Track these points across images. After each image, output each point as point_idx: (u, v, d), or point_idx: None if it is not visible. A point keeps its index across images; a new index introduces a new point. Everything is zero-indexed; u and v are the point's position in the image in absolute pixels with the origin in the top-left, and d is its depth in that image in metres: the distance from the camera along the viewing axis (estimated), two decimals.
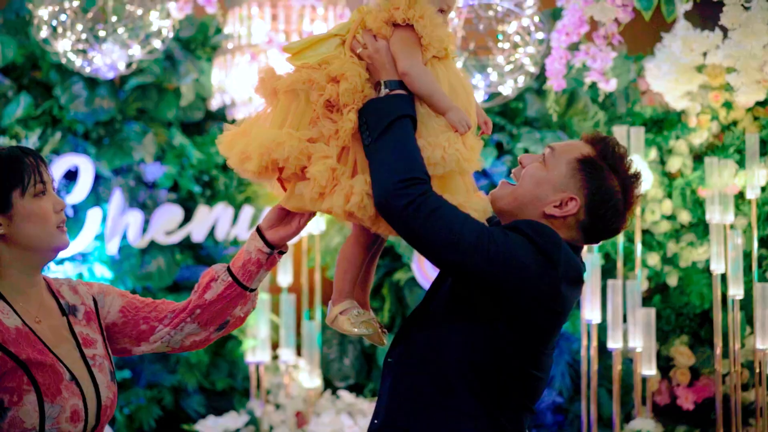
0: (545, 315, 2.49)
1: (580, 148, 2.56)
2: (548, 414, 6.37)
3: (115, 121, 6.30)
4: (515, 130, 6.41)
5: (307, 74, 2.54)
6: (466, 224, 2.42)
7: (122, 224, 6.21)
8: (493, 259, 2.40)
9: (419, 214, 2.40)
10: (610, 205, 2.54)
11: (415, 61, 2.51)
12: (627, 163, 2.57)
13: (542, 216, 2.55)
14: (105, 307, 2.80)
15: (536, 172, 2.57)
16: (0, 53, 6.08)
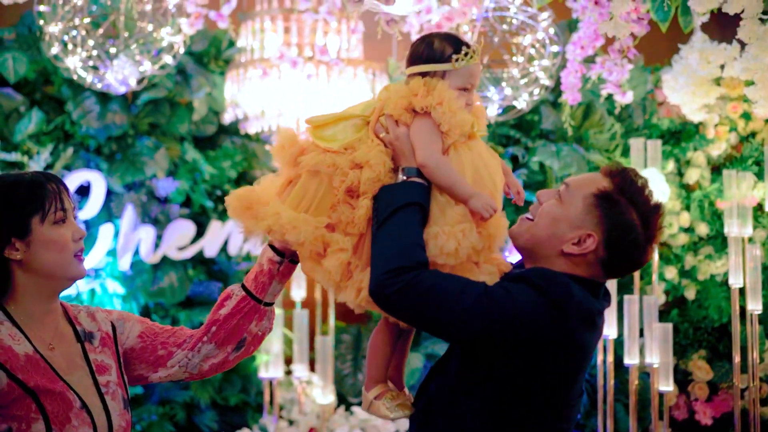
0: (562, 365, 2.44)
1: (597, 182, 2.50)
2: None
3: (128, 136, 6.28)
4: (530, 143, 6.35)
5: (332, 159, 2.53)
6: (462, 297, 2.38)
7: (134, 240, 6.19)
8: (498, 320, 2.37)
9: (409, 299, 2.38)
10: (630, 239, 2.47)
11: (432, 151, 2.49)
12: (647, 195, 2.50)
13: (560, 254, 2.50)
14: (124, 332, 2.79)
15: (552, 210, 2.52)
16: (12, 69, 6.06)
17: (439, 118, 2.49)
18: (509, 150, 6.36)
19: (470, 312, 2.37)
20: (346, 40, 5.83)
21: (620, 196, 2.47)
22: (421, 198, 2.48)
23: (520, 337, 2.38)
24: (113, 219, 6.23)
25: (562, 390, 2.48)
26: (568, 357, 2.44)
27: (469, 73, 2.56)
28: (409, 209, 2.45)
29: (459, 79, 2.54)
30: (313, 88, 5.69)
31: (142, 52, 5.21)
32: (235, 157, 6.37)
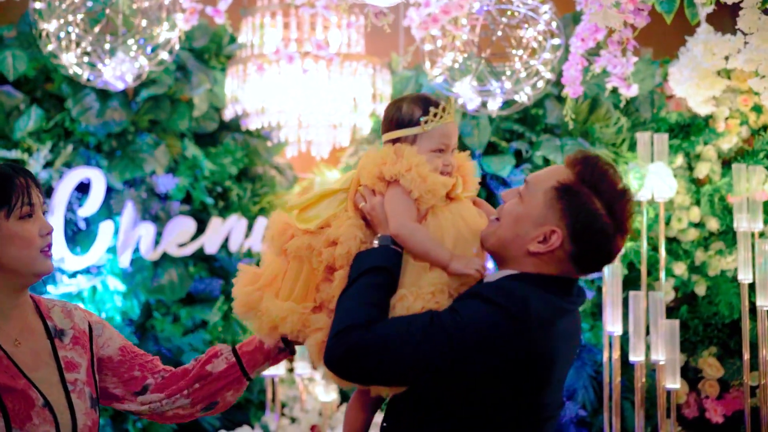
0: (530, 381, 2.36)
1: (557, 175, 2.41)
2: (572, 427, 6.25)
3: (128, 132, 6.27)
4: (534, 138, 6.27)
5: (308, 240, 2.54)
6: (409, 338, 2.30)
7: (134, 237, 6.18)
8: (455, 347, 2.29)
9: (358, 359, 2.33)
10: (596, 229, 2.38)
11: (403, 219, 2.46)
12: (612, 181, 2.40)
13: (527, 254, 2.41)
14: (102, 337, 2.76)
15: (514, 209, 2.45)
16: (12, 66, 6.07)
17: (409, 185, 2.47)
18: (513, 145, 6.28)
19: (423, 350, 2.30)
20: (347, 35, 5.80)
21: (582, 185, 2.38)
22: (388, 262, 2.43)
23: (483, 359, 2.31)
24: (113, 216, 6.22)
25: (534, 405, 2.40)
26: (536, 371, 2.36)
27: (440, 134, 2.53)
28: (372, 273, 2.42)
29: (430, 142, 2.52)
30: (314, 84, 5.65)
31: (138, 49, 5.19)
32: (236, 153, 6.34)
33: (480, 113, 5.64)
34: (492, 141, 6.31)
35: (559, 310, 2.39)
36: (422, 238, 2.45)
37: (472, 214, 2.55)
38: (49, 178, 6.16)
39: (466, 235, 2.49)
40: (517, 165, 6.29)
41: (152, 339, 6.29)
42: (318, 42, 5.40)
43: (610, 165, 2.43)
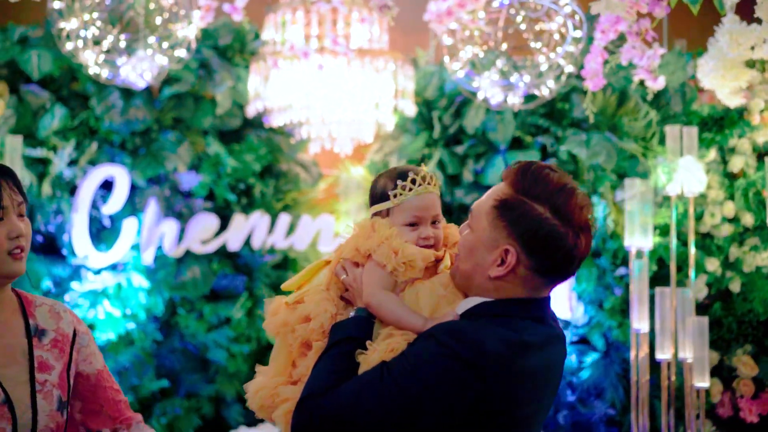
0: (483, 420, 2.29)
1: (494, 194, 2.36)
2: (601, 426, 6.17)
3: (151, 130, 6.34)
4: (560, 132, 6.20)
5: (284, 317, 2.52)
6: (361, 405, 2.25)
7: (158, 234, 6.25)
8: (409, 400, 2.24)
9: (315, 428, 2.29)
10: (545, 234, 2.29)
11: (374, 290, 2.42)
12: (547, 180, 2.32)
13: (489, 280, 2.35)
14: (86, 349, 2.75)
15: (466, 240, 2.40)
16: (36, 66, 6.17)
17: (382, 259, 2.43)
18: (538, 139, 6.22)
19: (377, 410, 2.25)
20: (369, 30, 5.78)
21: (520, 195, 2.32)
22: (360, 332, 2.40)
23: (437, 407, 2.25)
24: (137, 213, 6.30)
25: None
26: (494, 416, 2.29)
27: (411, 206, 2.50)
28: (343, 343, 2.39)
29: (402, 215, 2.49)
30: (335, 80, 5.63)
31: (156, 47, 5.22)
32: (260, 150, 6.36)
33: (503, 108, 5.59)
34: (517, 136, 6.25)
35: (521, 346, 2.30)
36: (392, 307, 2.41)
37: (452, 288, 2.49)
38: (74, 176, 6.27)
39: (444, 307, 2.43)
40: (542, 160, 6.21)
41: (177, 336, 6.35)
42: (334, 37, 5.37)
43: (544, 166, 2.35)
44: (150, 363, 6.29)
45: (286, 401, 2.44)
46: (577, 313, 6.15)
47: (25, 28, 6.32)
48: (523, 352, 2.28)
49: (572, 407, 6.18)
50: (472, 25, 5.16)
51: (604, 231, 6.14)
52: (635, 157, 6.19)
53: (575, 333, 6.20)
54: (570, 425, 6.19)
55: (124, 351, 6.23)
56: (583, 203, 2.29)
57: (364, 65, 5.67)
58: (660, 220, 6.09)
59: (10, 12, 6.20)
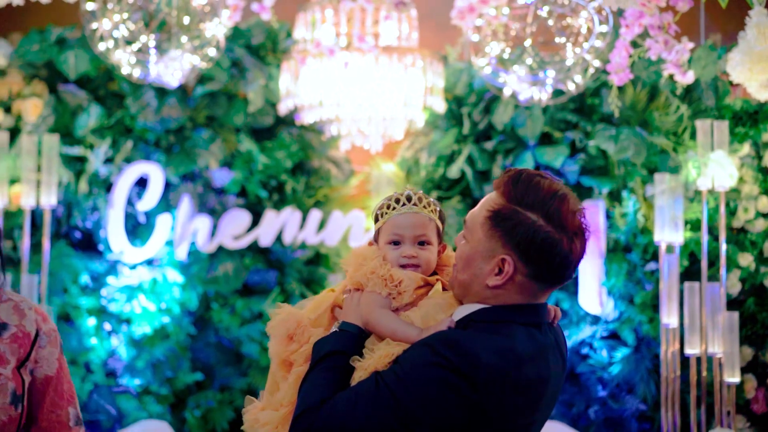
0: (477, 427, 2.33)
1: (487, 204, 2.39)
2: (633, 422, 6.17)
3: (185, 128, 6.48)
4: (590, 128, 6.20)
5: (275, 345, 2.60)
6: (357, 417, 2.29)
7: (191, 229, 6.38)
8: (403, 409, 2.27)
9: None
10: (540, 241, 2.33)
11: (370, 308, 2.48)
12: (537, 188, 2.35)
13: (488, 289, 2.39)
14: (42, 349, 2.75)
15: (463, 252, 2.44)
16: (73, 66, 6.34)
17: (375, 288, 2.51)
18: (568, 135, 6.22)
19: (372, 420, 2.29)
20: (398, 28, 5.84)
21: (511, 204, 2.35)
22: (345, 346, 2.45)
23: (430, 417, 2.29)
24: (171, 209, 6.43)
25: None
26: (486, 428, 2.33)
27: (391, 225, 2.57)
28: (330, 357, 2.43)
29: (385, 234, 2.58)
30: (363, 77, 5.70)
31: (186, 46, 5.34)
32: (291, 147, 6.46)
33: (532, 103, 5.62)
34: (546, 131, 6.26)
35: (516, 358, 2.33)
36: (388, 324, 2.45)
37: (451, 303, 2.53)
38: (110, 174, 6.43)
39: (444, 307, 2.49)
40: (572, 155, 6.23)
41: (212, 330, 6.47)
42: (360, 35, 5.44)
43: (534, 174, 2.38)
44: (185, 356, 6.42)
45: (265, 425, 2.49)
46: (607, 309, 6.15)
47: (62, 30, 6.50)
48: (518, 364, 2.32)
49: (603, 403, 6.18)
50: (495, 21, 5.20)
51: (635, 226, 6.14)
52: (666, 152, 6.17)
53: (605, 328, 6.20)
54: (602, 421, 6.18)
55: (160, 344, 6.37)
56: (575, 208, 2.34)
57: (392, 62, 5.74)
58: (691, 215, 6.06)
59: (49, 14, 6.40)
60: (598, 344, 6.21)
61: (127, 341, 6.43)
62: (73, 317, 6.42)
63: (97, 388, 6.37)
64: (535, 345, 2.38)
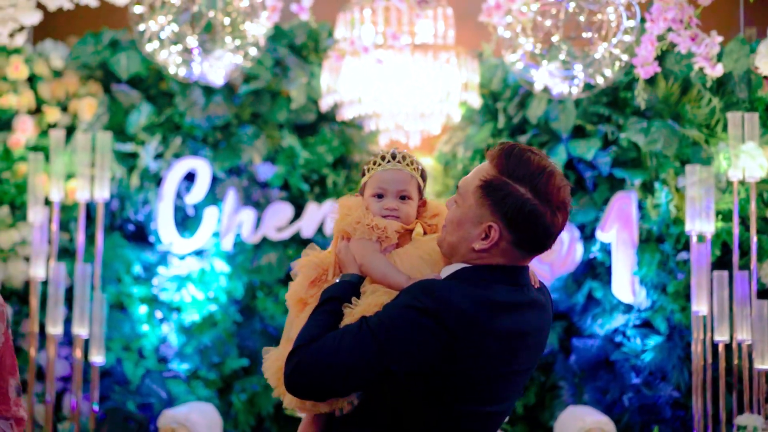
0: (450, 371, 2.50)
1: (480, 174, 2.56)
2: (667, 409, 6.27)
3: (231, 125, 6.75)
4: (622, 121, 6.32)
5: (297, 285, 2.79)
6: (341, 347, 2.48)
7: (236, 222, 6.65)
8: (382, 349, 2.46)
9: (302, 376, 2.50)
10: (526, 213, 2.50)
11: (364, 252, 2.68)
12: (528, 162, 2.53)
13: (473, 251, 2.57)
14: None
15: (453, 215, 2.61)
16: (125, 66, 6.65)
17: (362, 234, 2.70)
18: (601, 128, 6.35)
19: (354, 356, 2.47)
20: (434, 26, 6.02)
21: (503, 177, 2.51)
22: (343, 294, 2.64)
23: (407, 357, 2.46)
24: (217, 202, 6.70)
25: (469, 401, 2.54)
26: (461, 368, 2.49)
27: (376, 180, 2.77)
28: (328, 303, 2.63)
29: (370, 188, 2.77)
30: (400, 74, 5.89)
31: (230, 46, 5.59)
32: (332, 142, 6.68)
33: (565, 97, 5.76)
34: (579, 124, 6.39)
35: (489, 305, 2.51)
36: (380, 265, 2.66)
37: (429, 249, 2.72)
38: (160, 169, 6.73)
39: (424, 269, 2.67)
40: (604, 148, 6.35)
41: (257, 318, 6.71)
42: (394, 33, 5.64)
43: (526, 149, 2.54)
44: (231, 343, 6.66)
45: (277, 361, 2.67)
46: (639, 297, 6.26)
47: (114, 33, 6.81)
48: (491, 310, 2.49)
49: (637, 390, 6.28)
50: (522, 18, 5.36)
51: (668, 217, 6.23)
52: (698, 143, 6.26)
53: (638, 317, 6.31)
54: (636, 408, 6.29)
55: (208, 332, 6.62)
56: (560, 184, 2.50)
57: (427, 59, 5.92)
58: (723, 205, 6.14)
59: (103, 18, 6.72)
60: (631, 332, 6.32)
61: (177, 328, 6.69)
62: (126, 305, 6.70)
63: (148, 372, 6.64)
64: (513, 299, 2.54)
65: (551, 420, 6.35)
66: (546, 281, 6.39)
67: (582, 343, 6.40)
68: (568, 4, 5.39)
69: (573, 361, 6.44)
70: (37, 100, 6.84)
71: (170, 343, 6.70)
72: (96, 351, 6.23)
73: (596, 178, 6.44)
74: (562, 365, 6.44)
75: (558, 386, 6.42)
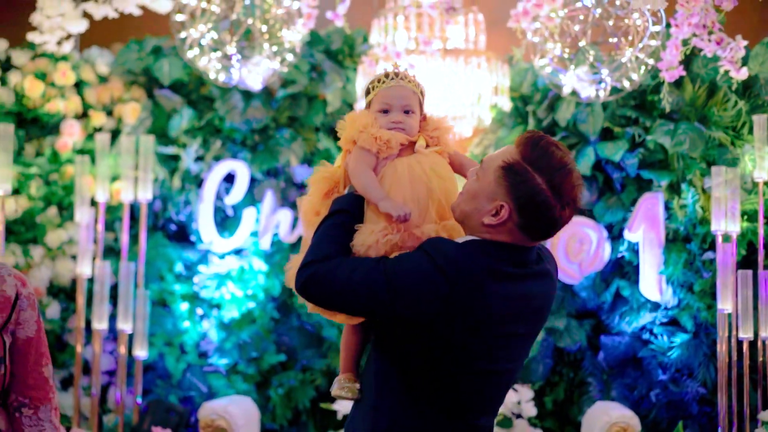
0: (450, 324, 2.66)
1: (505, 155, 2.70)
2: (693, 404, 6.37)
3: (269, 128, 6.95)
4: (649, 123, 6.43)
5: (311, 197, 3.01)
6: (353, 275, 2.67)
7: (274, 222, 6.84)
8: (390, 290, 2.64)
9: (315, 287, 2.71)
10: (538, 202, 2.65)
11: (354, 164, 2.90)
12: (553, 157, 2.66)
13: (482, 225, 2.72)
14: (23, 312, 2.90)
15: (471, 186, 2.77)
16: (167, 73, 6.88)
17: (365, 144, 2.90)
18: (628, 130, 6.47)
19: (363, 287, 2.66)
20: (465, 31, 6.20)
21: (525, 164, 2.65)
22: (350, 206, 2.84)
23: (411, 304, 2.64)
24: (256, 203, 6.91)
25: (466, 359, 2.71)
26: (461, 323, 2.66)
27: (382, 96, 2.96)
28: (336, 215, 2.83)
29: (376, 104, 2.97)
30: (433, 78, 6.07)
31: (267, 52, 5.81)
32: None
33: (593, 101, 5.90)
34: (607, 127, 6.53)
35: (495, 273, 2.68)
36: (364, 179, 2.86)
37: (431, 162, 2.91)
38: (200, 171, 6.95)
39: (421, 175, 2.86)
40: (631, 150, 6.47)
41: (294, 315, 6.89)
42: (425, 39, 5.82)
43: (552, 142, 2.69)
44: (269, 339, 6.84)
45: (294, 267, 2.88)
46: (666, 296, 6.38)
47: (157, 40, 7.04)
48: (496, 276, 2.67)
49: (664, 386, 6.41)
50: (549, 23, 5.52)
51: (694, 216, 6.34)
52: (725, 145, 6.37)
53: (665, 315, 6.43)
54: (664, 404, 6.41)
55: (247, 328, 6.81)
56: (576, 183, 2.67)
57: (459, 64, 6.10)
58: (748, 206, 6.24)
59: (146, 26, 6.95)
60: (658, 330, 6.44)
61: (217, 324, 6.89)
62: (168, 302, 6.92)
63: (190, 367, 6.85)
64: (517, 271, 2.72)
65: (579, 415, 6.48)
66: (575, 280, 6.55)
67: (610, 341, 6.52)
68: (594, 10, 5.55)
69: (601, 358, 6.57)
70: (83, 104, 7.07)
71: (210, 338, 6.89)
72: (139, 346, 6.43)
73: (624, 179, 6.56)
74: (591, 362, 6.57)
75: (586, 382, 6.55)
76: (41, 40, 6.73)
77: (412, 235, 2.80)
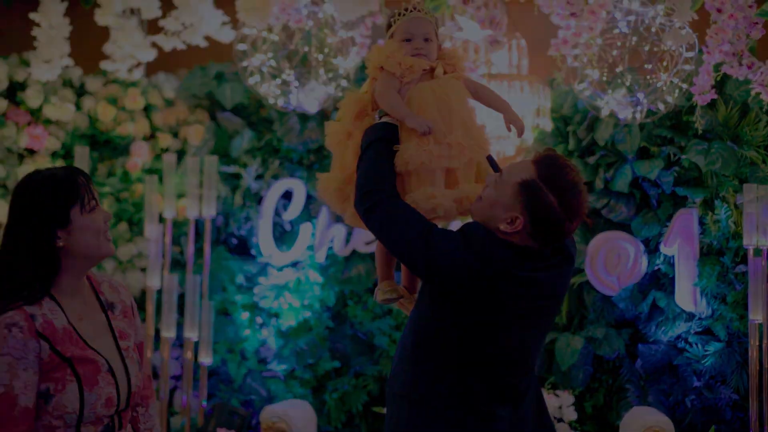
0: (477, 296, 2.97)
1: (523, 172, 3.01)
2: (727, 410, 6.60)
3: (323, 148, 7.23)
4: (684, 143, 6.68)
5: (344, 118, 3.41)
6: (407, 229, 3.01)
7: (329, 236, 7.10)
8: (433, 252, 2.96)
9: (374, 217, 3.08)
10: (550, 219, 2.97)
11: (381, 88, 3.24)
12: (565, 177, 2.98)
13: (497, 230, 3.05)
14: (137, 317, 3.08)
15: (490, 195, 3.07)
16: (229, 97, 7.23)
17: (390, 68, 3.25)
18: (664, 149, 6.71)
19: (411, 243, 2.99)
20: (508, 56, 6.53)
21: (540, 182, 2.96)
22: (386, 134, 3.18)
23: (444, 276, 2.96)
24: (311, 219, 7.18)
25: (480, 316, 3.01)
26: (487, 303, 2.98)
27: (404, 27, 3.32)
28: (376, 144, 3.17)
29: (399, 34, 3.32)
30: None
31: (320, 78, 6.20)
32: None
33: (630, 121, 6.20)
34: (643, 146, 6.78)
35: (509, 257, 2.99)
36: (391, 100, 3.21)
37: (450, 86, 3.27)
38: (260, 188, 7.23)
39: (443, 96, 3.20)
40: (667, 168, 6.72)
41: (348, 324, 7.16)
42: (471, 64, 6.16)
43: (565, 164, 3.01)
44: (324, 346, 7.07)
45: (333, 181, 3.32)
46: (700, 307, 6.58)
47: (220, 66, 7.35)
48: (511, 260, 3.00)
49: (699, 393, 6.62)
50: (588, 51, 5.85)
51: (727, 231, 6.55)
52: (756, 163, 6.59)
53: (699, 324, 6.63)
54: (698, 409, 6.63)
55: (303, 336, 7.06)
56: (585, 201, 3.02)
57: (503, 87, 6.40)
58: None
59: (209, 53, 7.31)
60: (693, 339, 6.62)
61: (275, 333, 7.14)
62: (230, 312, 7.18)
63: (250, 372, 7.10)
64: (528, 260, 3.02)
65: (618, 419, 6.68)
66: (613, 291, 6.77)
67: (647, 349, 6.72)
68: (632, 38, 5.87)
69: (639, 366, 6.77)
70: (151, 127, 7.40)
71: (269, 345, 7.13)
72: (204, 353, 6.70)
73: (660, 195, 6.80)
74: (629, 369, 6.78)
75: (624, 388, 6.76)
76: (113, 68, 7.08)
77: (442, 144, 3.13)
